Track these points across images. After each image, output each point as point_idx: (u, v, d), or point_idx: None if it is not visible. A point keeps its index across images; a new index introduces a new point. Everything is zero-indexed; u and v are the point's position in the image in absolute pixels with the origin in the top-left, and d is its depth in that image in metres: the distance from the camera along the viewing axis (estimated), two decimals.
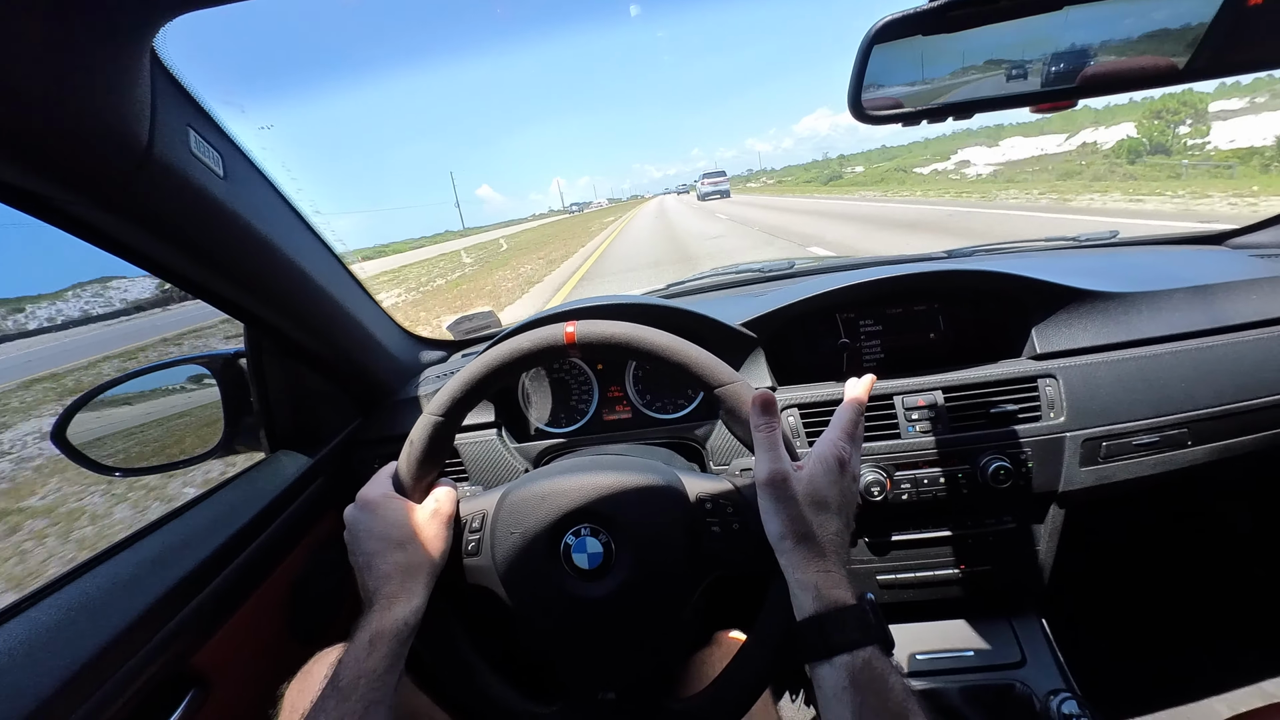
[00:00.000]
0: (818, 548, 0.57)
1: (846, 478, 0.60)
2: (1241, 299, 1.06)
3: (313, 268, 0.89)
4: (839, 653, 0.51)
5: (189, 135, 0.62)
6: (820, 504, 0.58)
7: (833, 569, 0.56)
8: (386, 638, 0.58)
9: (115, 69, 0.50)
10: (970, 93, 0.64)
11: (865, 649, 0.51)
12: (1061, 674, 1.01)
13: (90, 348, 18.21)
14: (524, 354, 0.67)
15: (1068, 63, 0.62)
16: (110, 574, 0.75)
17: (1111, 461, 1.01)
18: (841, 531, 0.58)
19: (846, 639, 0.52)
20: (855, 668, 0.50)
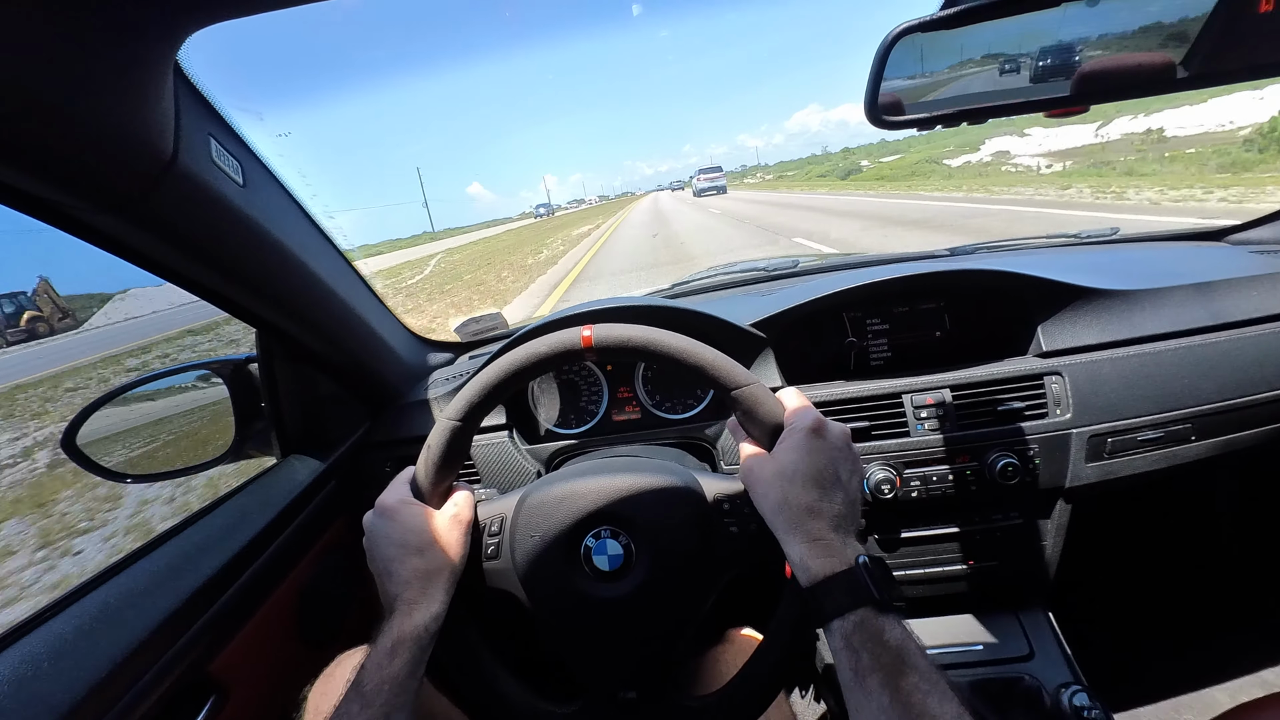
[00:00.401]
0: (799, 519, 0.57)
1: (829, 445, 0.60)
2: (1242, 295, 1.08)
3: (325, 272, 0.89)
4: (831, 618, 0.53)
5: (210, 144, 0.62)
6: (793, 476, 0.59)
7: (822, 535, 0.56)
8: (408, 643, 0.59)
9: (141, 82, 0.50)
10: (985, 98, 0.64)
11: (856, 611, 0.52)
12: (1069, 666, 1.02)
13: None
14: (541, 358, 0.67)
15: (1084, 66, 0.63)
16: (129, 582, 0.75)
17: (1117, 457, 1.03)
18: (824, 497, 0.58)
19: (837, 605, 0.53)
20: (847, 630, 0.52)
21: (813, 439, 0.60)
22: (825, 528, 0.57)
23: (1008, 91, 0.65)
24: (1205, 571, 1.58)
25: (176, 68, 0.56)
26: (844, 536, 0.57)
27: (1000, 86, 0.65)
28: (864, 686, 0.49)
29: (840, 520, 0.58)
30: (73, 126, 0.47)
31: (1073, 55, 0.61)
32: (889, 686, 0.48)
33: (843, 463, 0.61)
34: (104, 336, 25.57)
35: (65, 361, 15.95)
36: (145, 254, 0.65)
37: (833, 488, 0.59)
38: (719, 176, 41.74)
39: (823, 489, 0.58)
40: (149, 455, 1.10)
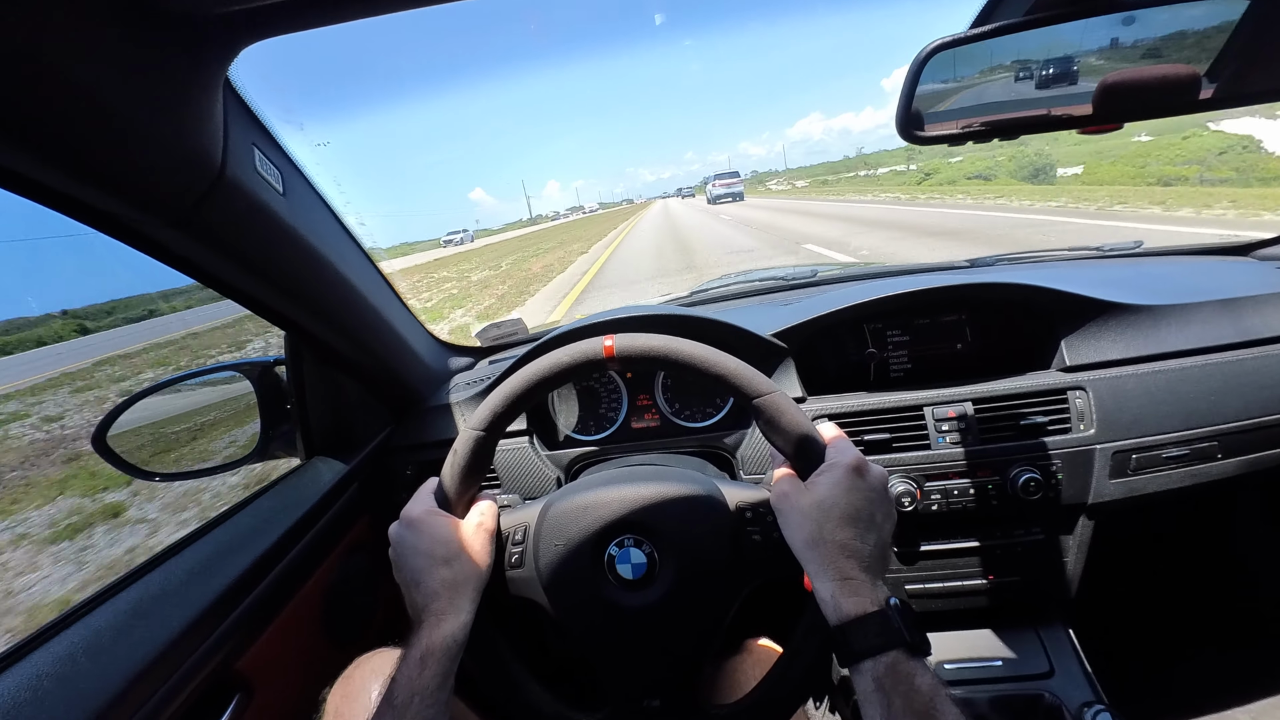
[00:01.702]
0: (832, 556, 0.58)
1: (868, 486, 0.61)
2: (1270, 312, 1.07)
3: (357, 278, 0.91)
4: (862, 659, 0.53)
5: (254, 154, 0.64)
6: (829, 513, 0.59)
7: (853, 575, 0.57)
8: (437, 654, 0.59)
9: (196, 97, 0.51)
10: (1017, 114, 0.65)
11: (888, 654, 0.52)
12: (1090, 685, 1.01)
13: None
14: (564, 368, 0.68)
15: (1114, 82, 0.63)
16: (160, 580, 0.77)
17: (1142, 474, 1.02)
18: (858, 537, 0.58)
19: (868, 645, 0.53)
20: (879, 672, 0.52)
21: (854, 477, 0.61)
22: (857, 568, 0.57)
23: (1038, 102, 0.65)
24: (1229, 591, 1.55)
25: (227, 82, 0.57)
26: (874, 579, 0.58)
27: (1031, 98, 0.66)
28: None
29: (872, 562, 0.59)
30: (131, 140, 0.48)
31: (1104, 73, 0.61)
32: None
33: (879, 506, 0.61)
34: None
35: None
36: (192, 261, 0.67)
37: (867, 529, 0.59)
38: (735, 182, 39.82)
39: (858, 529, 0.59)
40: (179, 454, 1.12)
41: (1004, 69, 0.65)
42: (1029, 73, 0.65)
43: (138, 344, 15.46)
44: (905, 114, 0.64)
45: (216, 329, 15.98)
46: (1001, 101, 0.66)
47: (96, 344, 18.91)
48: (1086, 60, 0.64)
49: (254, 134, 0.65)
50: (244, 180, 0.62)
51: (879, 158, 64.26)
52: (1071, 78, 0.64)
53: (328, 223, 0.84)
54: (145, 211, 0.56)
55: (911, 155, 49.76)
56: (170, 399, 1.10)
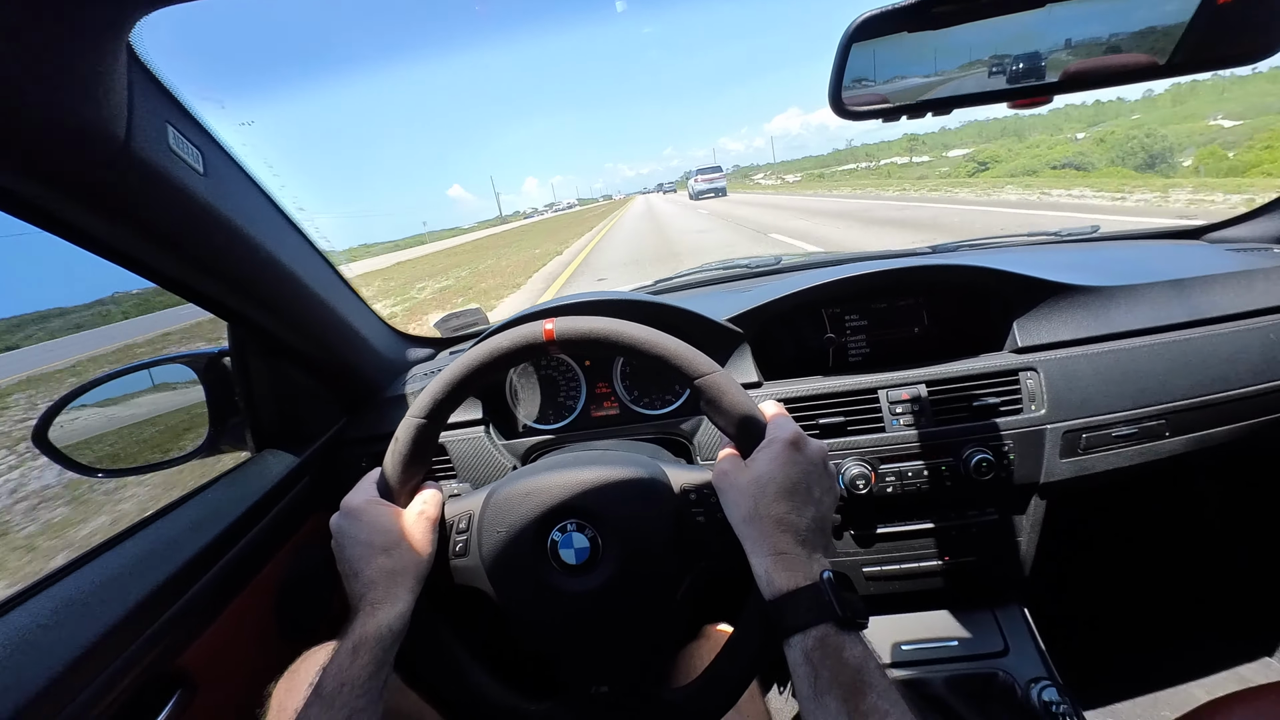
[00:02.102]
0: (767, 532, 0.57)
1: (805, 459, 0.60)
2: (1217, 292, 1.08)
3: (297, 265, 0.89)
4: (793, 633, 0.53)
5: (167, 131, 0.62)
6: (765, 488, 0.59)
7: (788, 550, 0.56)
8: (370, 644, 0.58)
9: (91, 65, 0.49)
10: (952, 89, 0.64)
11: (818, 627, 0.52)
12: (1043, 662, 1.03)
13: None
14: (503, 353, 0.67)
15: (1048, 58, 0.63)
16: (97, 573, 0.74)
17: (1092, 453, 1.03)
18: (794, 511, 0.58)
19: (799, 620, 0.53)
20: (808, 646, 0.52)
21: (790, 451, 0.60)
22: (792, 542, 0.57)
23: (970, 82, 0.65)
24: (1181, 568, 1.58)
25: (131, 53, 0.55)
26: (810, 552, 0.57)
27: (962, 76, 0.65)
28: (822, 704, 0.49)
29: (808, 535, 0.58)
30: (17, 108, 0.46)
31: (1033, 45, 0.61)
32: (847, 705, 0.48)
33: (817, 479, 0.61)
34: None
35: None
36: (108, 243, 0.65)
37: (804, 503, 0.59)
38: (718, 177, 39.13)
39: (794, 503, 0.58)
40: (122, 449, 1.10)
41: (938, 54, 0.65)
42: (1003, 69, 0.65)
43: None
44: (837, 89, 0.64)
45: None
46: (933, 76, 0.65)
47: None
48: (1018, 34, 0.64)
49: (167, 110, 0.63)
50: (154, 158, 0.60)
51: (876, 150, 61.15)
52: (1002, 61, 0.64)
53: (260, 206, 0.82)
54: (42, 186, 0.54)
55: (913, 147, 48.26)
56: (114, 394, 1.07)
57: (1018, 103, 0.63)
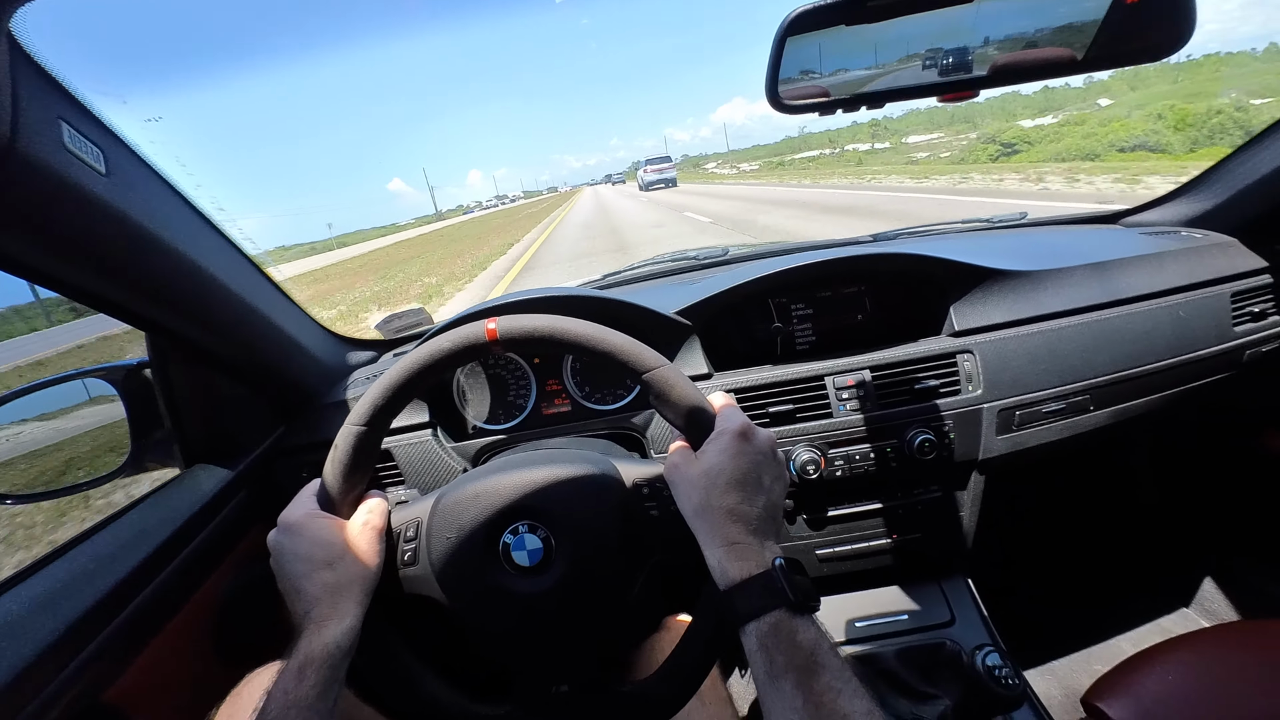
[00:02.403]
0: (719, 523, 0.58)
1: (754, 449, 0.61)
2: (1133, 273, 1.16)
3: (218, 268, 0.83)
4: (748, 620, 0.53)
5: (61, 129, 0.56)
6: (715, 479, 0.59)
7: (740, 539, 0.57)
8: (317, 663, 0.56)
9: None
10: (885, 83, 0.66)
11: (771, 613, 0.53)
12: (986, 629, 1.08)
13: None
14: (445, 354, 0.65)
15: (974, 53, 0.65)
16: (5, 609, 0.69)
17: (1025, 429, 1.08)
18: (745, 501, 0.58)
19: (752, 607, 0.54)
20: (762, 632, 0.52)
21: (739, 442, 0.61)
22: (744, 531, 0.57)
23: (904, 75, 0.67)
24: (1107, 533, 1.70)
25: (13, 43, 0.50)
26: (762, 540, 0.58)
27: (896, 70, 0.67)
28: (778, 688, 0.50)
29: (760, 524, 0.59)
30: None
31: (962, 40, 0.63)
32: (802, 687, 0.49)
33: (766, 468, 0.61)
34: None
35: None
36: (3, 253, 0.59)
37: (755, 492, 0.59)
38: (668, 167, 38.62)
39: (744, 493, 0.59)
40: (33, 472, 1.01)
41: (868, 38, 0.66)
42: (935, 62, 0.66)
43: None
44: (773, 83, 0.64)
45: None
46: (867, 70, 0.67)
47: None
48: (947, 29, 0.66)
49: (60, 106, 0.57)
50: (46, 157, 0.54)
51: (836, 136, 57.88)
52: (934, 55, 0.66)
53: (172, 207, 0.76)
54: None
55: (875, 132, 41.31)
56: (20, 413, 0.99)
57: (946, 96, 0.65)
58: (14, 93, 0.50)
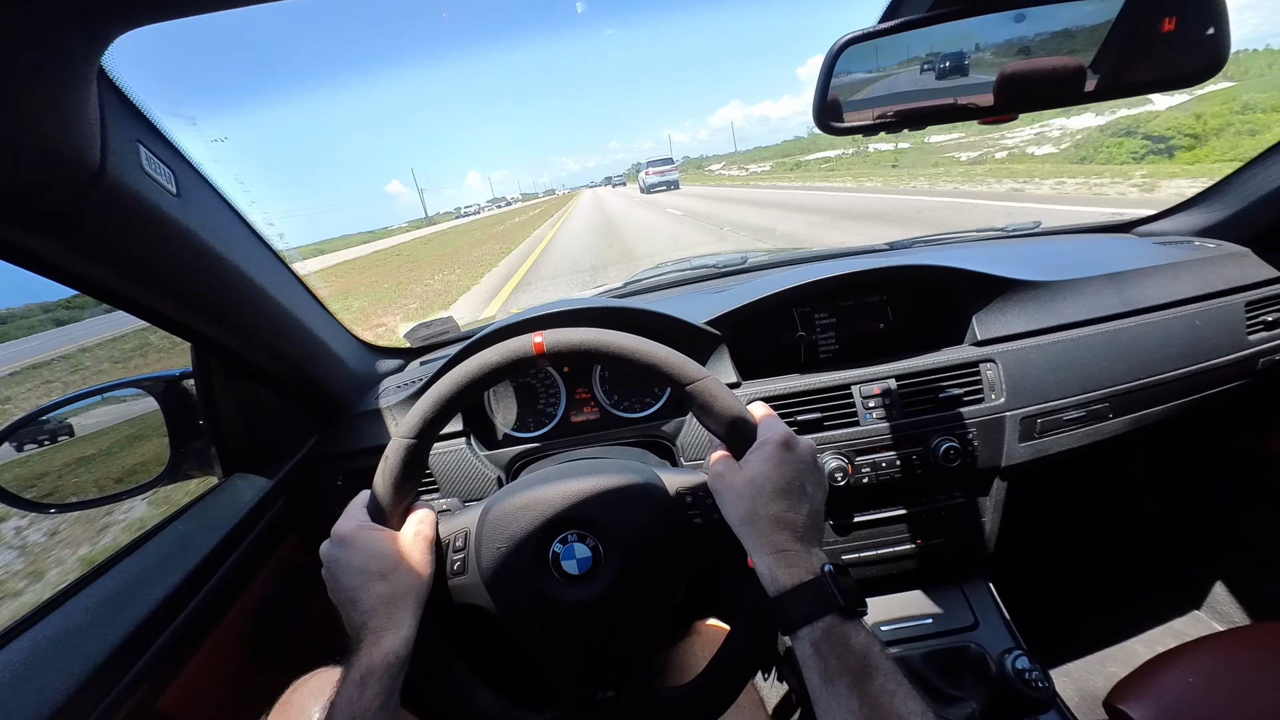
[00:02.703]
0: (767, 531, 0.60)
1: (796, 458, 0.63)
2: (1149, 283, 1.18)
3: (267, 282, 0.85)
4: (800, 626, 0.55)
5: (139, 152, 0.58)
6: (761, 488, 0.61)
7: (788, 547, 0.59)
8: (378, 673, 0.57)
9: (64, 90, 0.46)
10: (924, 105, 0.68)
11: (824, 619, 0.55)
12: (1010, 632, 1.10)
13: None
14: (494, 368, 0.66)
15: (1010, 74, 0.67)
16: (62, 621, 0.70)
17: (1046, 436, 1.11)
18: (791, 509, 0.60)
19: (804, 613, 0.55)
20: (816, 637, 0.54)
21: (783, 451, 0.62)
22: (791, 539, 0.59)
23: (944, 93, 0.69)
24: (1120, 536, 1.72)
25: (101, 73, 0.52)
26: (809, 547, 0.60)
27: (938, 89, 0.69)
28: (833, 690, 0.52)
29: (805, 531, 0.61)
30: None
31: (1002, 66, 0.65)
32: (857, 690, 0.51)
33: (809, 476, 0.63)
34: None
35: None
36: (77, 273, 0.61)
37: (799, 500, 0.61)
38: (670, 170, 36.84)
39: (790, 501, 0.61)
40: (76, 481, 1.03)
41: (913, 62, 0.68)
42: (933, 66, 0.68)
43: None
44: (821, 105, 0.66)
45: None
46: (911, 92, 0.69)
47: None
48: (985, 55, 0.68)
49: (138, 130, 0.59)
50: (128, 181, 0.56)
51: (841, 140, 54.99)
52: (972, 71, 0.68)
53: (230, 224, 0.78)
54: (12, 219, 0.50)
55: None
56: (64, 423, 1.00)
57: (987, 119, 0.67)
58: (103, 121, 0.52)
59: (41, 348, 17.59)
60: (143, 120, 0.60)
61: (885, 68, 0.67)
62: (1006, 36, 0.68)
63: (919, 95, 0.69)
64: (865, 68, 0.68)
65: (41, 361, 14.09)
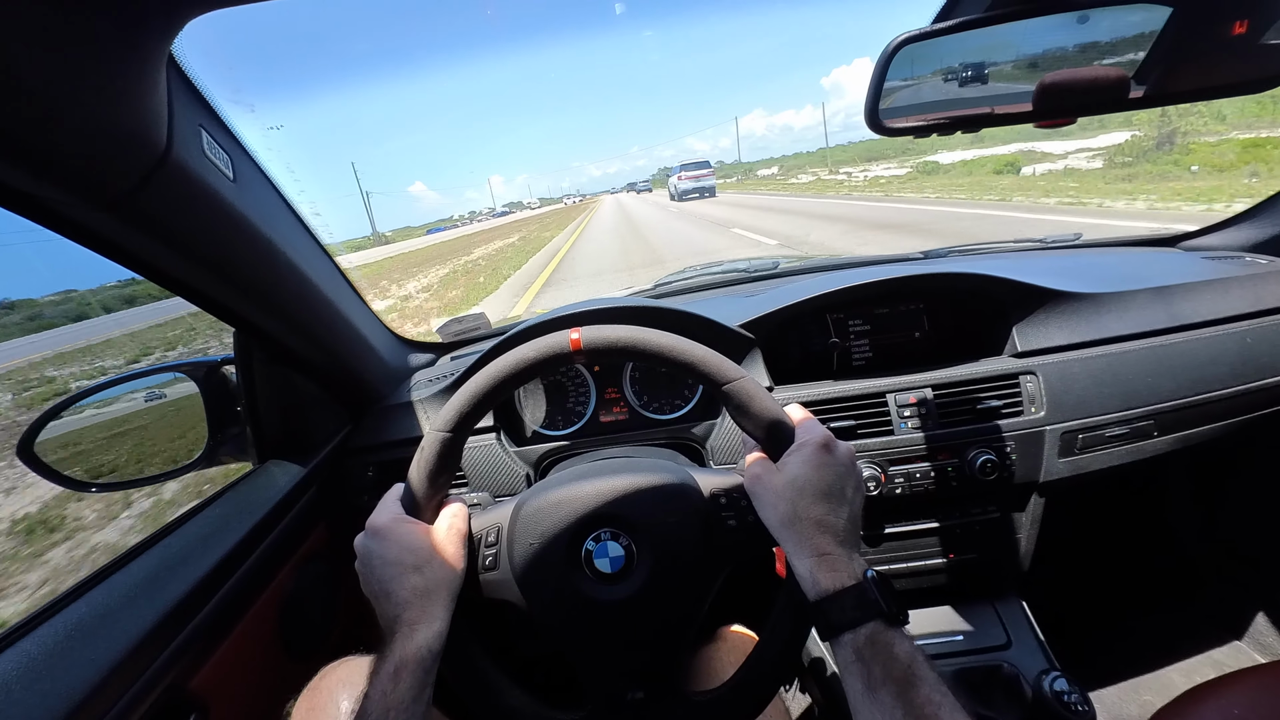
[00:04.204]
0: (808, 533, 0.58)
1: (836, 461, 0.62)
2: (1197, 299, 1.14)
3: (312, 271, 0.86)
4: (842, 631, 0.54)
5: (201, 136, 0.59)
6: (803, 490, 0.60)
7: (829, 550, 0.57)
8: (411, 666, 0.57)
9: (136, 73, 0.47)
10: (979, 107, 0.67)
11: (867, 625, 0.53)
12: (1044, 653, 1.07)
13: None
14: (531, 363, 0.66)
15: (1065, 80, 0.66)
16: (104, 597, 0.71)
17: (1087, 452, 1.08)
18: (832, 512, 0.59)
19: (847, 618, 0.54)
20: (859, 643, 0.53)
21: (823, 454, 0.61)
22: (833, 542, 0.58)
23: (998, 98, 0.68)
24: (1159, 558, 1.67)
25: (170, 58, 0.53)
26: (849, 552, 0.59)
27: (991, 94, 0.68)
28: (876, 699, 0.50)
29: (846, 536, 0.60)
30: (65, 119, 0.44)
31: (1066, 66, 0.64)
32: (902, 699, 0.49)
33: (849, 480, 0.62)
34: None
35: None
36: (135, 253, 0.62)
37: (839, 504, 0.60)
38: (706, 174, 31.62)
39: (831, 504, 0.60)
40: (116, 462, 1.05)
41: (965, 65, 0.67)
42: (986, 69, 0.67)
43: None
44: (873, 106, 0.65)
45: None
46: (963, 96, 0.68)
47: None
48: (1040, 57, 0.67)
49: (201, 115, 0.60)
50: (190, 164, 0.57)
51: (876, 147, 43.76)
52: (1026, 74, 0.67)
53: (280, 212, 0.80)
54: (82, 196, 0.51)
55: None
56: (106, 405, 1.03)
57: (1043, 123, 0.66)
58: (170, 104, 0.53)
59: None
60: (205, 105, 0.62)
61: (938, 69, 0.66)
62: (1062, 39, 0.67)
63: (973, 100, 0.68)
64: (919, 69, 0.67)
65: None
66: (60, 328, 26.86)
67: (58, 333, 25.64)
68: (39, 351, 14.77)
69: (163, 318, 14.75)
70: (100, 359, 12.27)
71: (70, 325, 26.15)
